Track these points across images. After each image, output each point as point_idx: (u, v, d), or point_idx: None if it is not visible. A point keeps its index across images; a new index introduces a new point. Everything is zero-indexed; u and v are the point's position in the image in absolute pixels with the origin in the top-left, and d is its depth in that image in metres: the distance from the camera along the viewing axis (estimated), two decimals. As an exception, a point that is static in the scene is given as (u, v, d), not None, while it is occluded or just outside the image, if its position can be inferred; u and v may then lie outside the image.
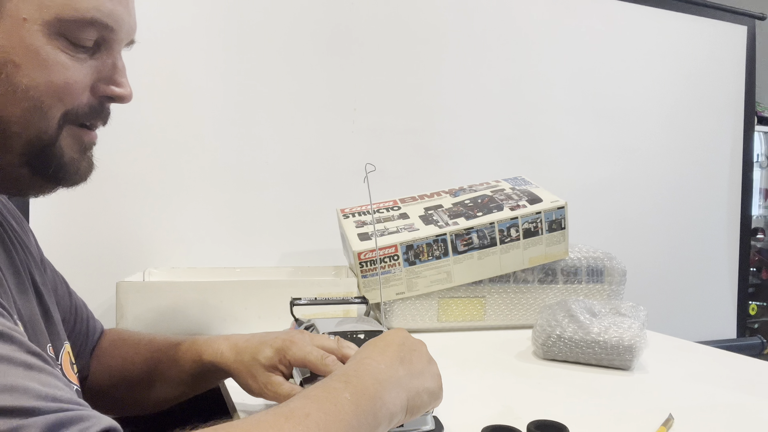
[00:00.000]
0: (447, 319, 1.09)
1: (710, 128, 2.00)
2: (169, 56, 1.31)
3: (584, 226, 1.47)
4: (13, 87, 0.45)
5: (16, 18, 0.44)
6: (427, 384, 0.53)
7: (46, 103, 0.46)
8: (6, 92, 0.45)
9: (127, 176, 1.27)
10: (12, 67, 0.44)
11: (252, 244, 1.39)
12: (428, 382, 0.53)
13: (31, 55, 0.45)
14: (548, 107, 1.74)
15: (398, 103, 1.55)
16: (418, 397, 0.51)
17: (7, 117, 0.45)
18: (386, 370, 0.50)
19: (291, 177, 1.43)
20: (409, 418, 0.50)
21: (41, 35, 0.45)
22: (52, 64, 0.46)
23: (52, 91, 0.46)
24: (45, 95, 0.46)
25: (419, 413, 0.52)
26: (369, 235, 1.07)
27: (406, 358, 0.53)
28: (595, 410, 0.71)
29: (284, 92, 1.42)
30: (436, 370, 0.56)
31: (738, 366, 0.93)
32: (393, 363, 0.51)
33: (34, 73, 0.45)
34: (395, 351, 0.53)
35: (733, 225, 2.06)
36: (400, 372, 0.51)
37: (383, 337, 0.55)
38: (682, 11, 1.93)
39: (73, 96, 0.48)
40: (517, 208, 1.10)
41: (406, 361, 0.52)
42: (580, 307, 0.94)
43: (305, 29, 1.44)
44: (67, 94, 0.47)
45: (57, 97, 0.47)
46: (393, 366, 0.51)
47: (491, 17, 1.65)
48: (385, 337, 0.55)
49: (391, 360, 0.51)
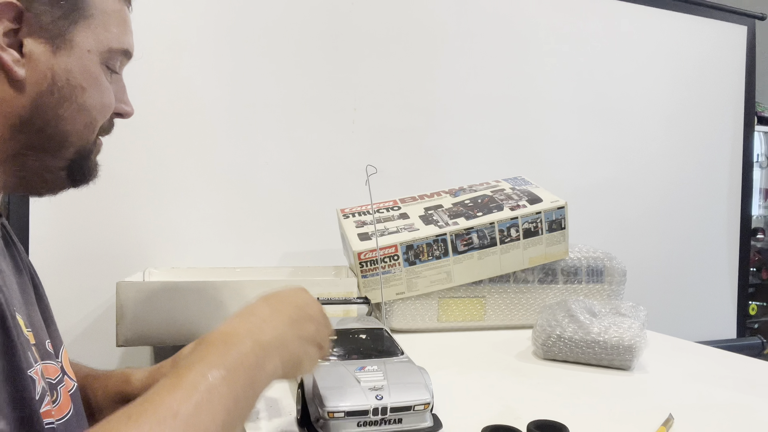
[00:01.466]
0: (447, 319, 1.09)
1: (710, 128, 2.00)
2: (169, 57, 1.31)
3: (584, 226, 1.47)
4: (79, 106, 0.54)
5: (83, 49, 0.53)
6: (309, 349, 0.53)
7: (97, 119, 0.57)
8: (73, 111, 0.54)
9: (128, 176, 1.27)
10: (80, 91, 0.54)
11: (252, 244, 1.39)
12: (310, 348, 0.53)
13: (93, 81, 0.55)
14: (548, 107, 1.74)
15: (398, 103, 1.55)
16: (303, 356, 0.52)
17: (69, 130, 0.54)
18: (273, 332, 0.49)
19: (291, 177, 1.43)
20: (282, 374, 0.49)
21: (98, 64, 0.55)
22: (105, 88, 0.56)
23: (102, 109, 0.57)
24: (98, 113, 0.56)
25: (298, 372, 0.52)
26: (369, 235, 1.07)
27: (298, 321, 0.52)
28: (595, 410, 0.71)
29: (284, 92, 1.42)
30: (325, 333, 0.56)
31: (738, 366, 0.93)
32: (283, 324, 0.51)
33: (95, 95, 0.55)
34: (290, 312, 0.53)
35: (733, 225, 2.06)
36: (288, 335, 0.50)
37: (280, 294, 0.55)
38: (682, 11, 1.93)
39: (108, 112, 0.58)
40: (517, 208, 1.10)
41: (296, 325, 0.52)
42: (580, 307, 0.94)
43: (305, 29, 1.44)
44: (107, 111, 0.58)
45: (103, 114, 0.57)
46: (282, 328, 0.50)
47: (491, 17, 1.65)
48: (282, 294, 0.55)
49: (282, 321, 0.51)
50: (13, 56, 0.49)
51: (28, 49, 0.50)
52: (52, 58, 0.51)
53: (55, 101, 0.52)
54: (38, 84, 0.51)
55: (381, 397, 0.55)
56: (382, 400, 0.55)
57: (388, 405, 0.55)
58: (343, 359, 0.64)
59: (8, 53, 0.49)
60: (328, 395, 0.55)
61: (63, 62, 0.52)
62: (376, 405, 0.55)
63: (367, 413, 0.54)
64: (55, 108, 0.52)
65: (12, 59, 0.49)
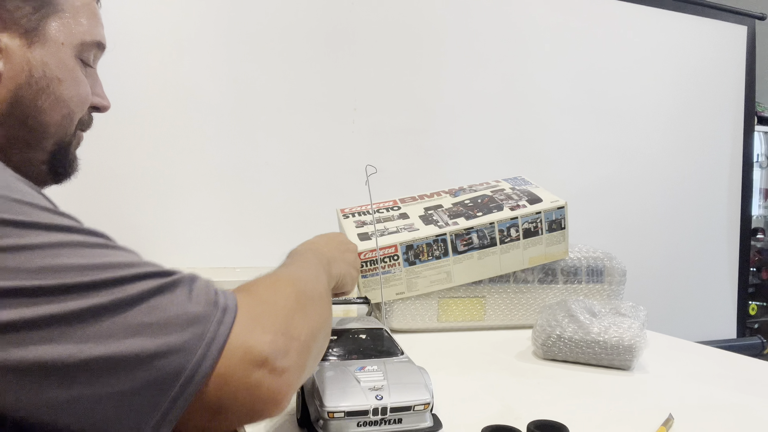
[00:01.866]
0: (447, 319, 1.09)
1: (710, 128, 2.00)
2: (169, 57, 1.31)
3: (584, 226, 1.47)
4: (56, 98, 0.57)
5: (56, 42, 0.56)
6: (351, 271, 0.79)
7: (74, 111, 0.59)
8: (51, 102, 0.56)
9: (127, 176, 1.27)
10: (56, 82, 0.56)
11: (252, 244, 1.39)
12: (352, 270, 0.80)
13: (68, 72, 0.57)
14: (548, 107, 1.74)
15: (398, 103, 1.55)
16: (347, 275, 0.77)
17: (48, 121, 0.57)
18: (328, 253, 0.73)
19: (291, 177, 1.43)
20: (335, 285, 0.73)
21: (73, 56, 0.58)
22: (80, 79, 0.59)
23: (79, 101, 0.59)
24: (75, 105, 0.59)
25: (344, 287, 0.78)
26: (369, 235, 1.07)
27: (342, 250, 0.79)
28: (595, 410, 0.71)
29: (285, 92, 1.42)
30: (358, 263, 0.87)
31: (738, 366, 0.93)
32: (334, 249, 0.77)
33: (71, 86, 0.58)
34: (336, 245, 0.79)
35: (733, 225, 2.06)
36: (337, 257, 0.76)
37: (328, 235, 0.82)
38: (683, 11, 1.93)
39: (86, 105, 0.61)
40: (517, 208, 1.10)
41: (341, 253, 0.78)
42: (580, 307, 0.94)
43: (305, 29, 1.44)
44: (84, 104, 0.61)
45: (80, 107, 0.60)
46: (333, 252, 0.76)
47: (491, 17, 1.65)
48: (329, 235, 0.82)
49: (332, 248, 0.77)
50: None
51: (4, 43, 0.53)
52: (28, 51, 0.54)
53: (33, 93, 0.55)
54: (16, 77, 0.54)
55: (381, 397, 0.55)
56: (382, 400, 0.55)
57: (388, 405, 0.55)
58: (343, 359, 0.64)
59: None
60: (328, 395, 0.55)
61: (38, 55, 0.55)
62: (376, 405, 0.55)
63: (367, 413, 0.54)
64: (33, 100, 0.55)
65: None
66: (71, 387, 0.37)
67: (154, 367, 0.39)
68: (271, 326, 0.45)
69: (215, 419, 0.42)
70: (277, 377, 0.43)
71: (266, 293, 0.49)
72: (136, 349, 0.38)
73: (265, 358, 0.42)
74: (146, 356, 0.39)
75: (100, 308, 0.38)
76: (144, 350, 0.39)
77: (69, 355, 0.37)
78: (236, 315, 0.43)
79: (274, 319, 0.45)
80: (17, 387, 0.36)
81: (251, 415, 0.43)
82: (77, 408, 0.38)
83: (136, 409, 0.39)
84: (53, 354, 0.36)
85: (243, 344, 0.42)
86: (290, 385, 0.44)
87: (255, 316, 0.44)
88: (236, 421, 0.43)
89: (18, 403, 0.37)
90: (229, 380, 0.41)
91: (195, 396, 0.40)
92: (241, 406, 0.42)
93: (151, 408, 0.39)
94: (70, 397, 0.37)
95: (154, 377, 0.39)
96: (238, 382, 0.41)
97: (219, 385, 0.41)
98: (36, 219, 0.40)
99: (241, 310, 0.44)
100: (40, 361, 0.36)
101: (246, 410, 0.42)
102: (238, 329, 0.42)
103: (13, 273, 0.37)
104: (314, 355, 0.51)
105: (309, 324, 0.49)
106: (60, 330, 0.37)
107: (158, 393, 0.39)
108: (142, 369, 0.38)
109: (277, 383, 0.43)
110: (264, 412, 0.43)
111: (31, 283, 0.37)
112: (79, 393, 0.37)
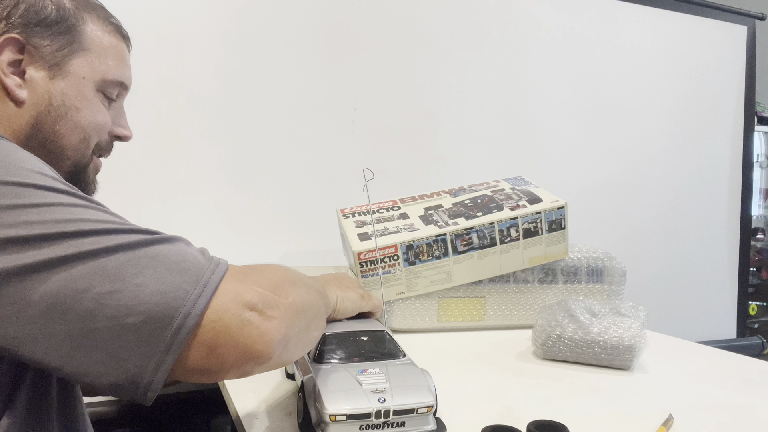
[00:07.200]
0: (447, 319, 1.09)
1: (710, 128, 2.00)
2: (169, 56, 1.31)
3: (584, 226, 1.47)
4: (74, 123, 0.64)
5: (77, 76, 0.64)
6: (347, 302, 0.78)
7: (91, 137, 0.66)
8: (69, 127, 0.64)
9: (127, 176, 1.27)
10: (74, 110, 0.64)
11: (252, 244, 1.39)
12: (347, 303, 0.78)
13: (86, 102, 0.65)
14: (548, 107, 1.74)
15: (398, 103, 1.55)
16: (346, 299, 0.77)
17: (65, 144, 0.64)
18: (326, 282, 0.76)
19: (291, 177, 1.43)
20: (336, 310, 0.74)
21: (93, 89, 0.66)
22: (97, 109, 0.66)
23: (96, 128, 0.67)
24: (92, 130, 0.66)
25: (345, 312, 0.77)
26: (369, 235, 1.07)
27: (343, 289, 0.79)
28: (595, 410, 0.71)
29: (284, 92, 1.42)
30: (362, 292, 0.83)
31: (738, 366, 0.93)
32: (336, 288, 0.77)
33: (89, 114, 0.65)
34: (337, 284, 0.80)
35: (733, 225, 2.06)
36: (339, 295, 0.76)
37: (337, 275, 0.88)
38: (683, 11, 1.93)
39: (103, 132, 0.68)
40: (517, 208, 1.10)
41: (342, 290, 0.78)
42: (580, 307, 0.94)
43: (305, 29, 1.44)
44: (102, 131, 0.68)
45: (97, 133, 0.67)
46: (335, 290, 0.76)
47: (491, 17, 1.65)
48: (337, 275, 0.88)
49: (331, 280, 0.81)
50: (15, 81, 0.60)
51: (29, 75, 0.61)
52: (50, 83, 0.62)
53: (52, 119, 0.62)
54: (38, 104, 0.61)
55: (383, 400, 0.55)
56: (385, 403, 0.55)
57: (391, 408, 0.55)
58: (345, 362, 0.63)
59: (11, 78, 0.60)
60: (330, 398, 0.55)
61: (59, 86, 0.63)
62: (379, 408, 0.54)
63: (370, 416, 0.54)
64: (52, 124, 0.63)
65: (14, 84, 0.60)
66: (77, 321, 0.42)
67: (154, 303, 0.44)
68: (259, 283, 0.49)
69: (211, 357, 0.46)
70: (266, 320, 0.47)
71: (256, 267, 0.54)
72: (140, 286, 0.43)
73: (254, 303, 0.47)
74: (148, 293, 0.44)
75: (110, 249, 0.44)
76: (146, 286, 0.44)
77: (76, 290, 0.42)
78: (227, 270, 0.49)
79: (263, 280, 0.50)
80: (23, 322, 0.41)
81: (243, 356, 0.46)
82: (82, 342, 0.42)
83: (140, 343, 0.43)
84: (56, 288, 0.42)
85: (234, 289, 0.47)
86: (279, 332, 0.48)
87: (244, 275, 0.50)
88: (230, 361, 0.46)
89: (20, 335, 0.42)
90: (223, 316, 0.46)
91: (192, 331, 0.44)
92: (235, 343, 0.46)
93: (153, 343, 0.43)
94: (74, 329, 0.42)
95: (154, 312, 0.43)
96: (231, 318, 0.46)
97: (213, 320, 0.45)
98: (35, 181, 0.46)
99: (232, 269, 0.50)
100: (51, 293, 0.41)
101: (239, 350, 0.46)
102: (229, 279, 0.48)
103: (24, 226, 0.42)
104: (302, 325, 0.53)
105: (297, 293, 0.53)
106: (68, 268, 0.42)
107: (159, 328, 0.44)
108: (144, 304, 0.43)
109: (266, 325, 0.47)
110: (255, 354, 0.47)
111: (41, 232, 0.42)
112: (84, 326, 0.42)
